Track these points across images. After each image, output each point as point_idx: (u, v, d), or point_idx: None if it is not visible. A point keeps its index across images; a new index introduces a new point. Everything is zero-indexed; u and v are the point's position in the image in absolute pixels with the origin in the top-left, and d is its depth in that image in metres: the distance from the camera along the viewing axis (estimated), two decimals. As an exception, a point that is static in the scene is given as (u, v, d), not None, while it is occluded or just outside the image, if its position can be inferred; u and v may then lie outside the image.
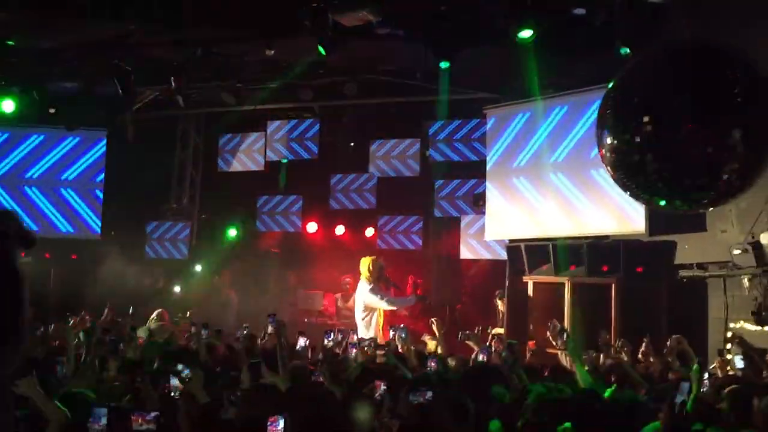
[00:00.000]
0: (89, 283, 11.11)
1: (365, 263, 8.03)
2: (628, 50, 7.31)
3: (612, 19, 6.77)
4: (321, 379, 4.47)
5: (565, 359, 5.98)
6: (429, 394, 3.65)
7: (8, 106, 10.04)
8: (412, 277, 11.86)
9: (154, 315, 8.02)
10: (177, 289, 12.66)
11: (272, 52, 8.00)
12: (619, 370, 5.12)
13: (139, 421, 3.20)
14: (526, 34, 7.56)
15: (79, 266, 11.42)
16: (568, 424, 3.25)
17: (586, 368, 4.92)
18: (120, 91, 8.89)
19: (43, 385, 3.31)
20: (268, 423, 3.02)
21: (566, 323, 8.42)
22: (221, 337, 6.90)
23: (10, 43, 8.86)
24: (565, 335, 5.58)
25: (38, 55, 9.35)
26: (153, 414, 3.23)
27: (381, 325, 7.87)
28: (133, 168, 11.68)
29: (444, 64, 7.60)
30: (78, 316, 6.76)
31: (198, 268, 12.78)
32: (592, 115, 8.61)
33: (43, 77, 9.73)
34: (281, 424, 3.03)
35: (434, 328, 6.78)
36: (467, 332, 6.83)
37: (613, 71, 7.73)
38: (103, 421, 3.13)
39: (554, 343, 5.72)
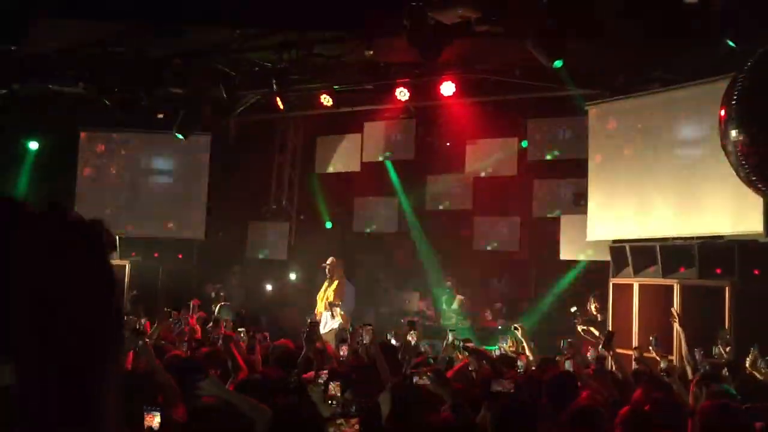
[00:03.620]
0: (194, 282, 11.56)
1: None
2: (732, 43, 6.94)
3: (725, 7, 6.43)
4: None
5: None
6: None
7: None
8: (497, 277, 11.69)
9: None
10: (269, 287, 12.96)
11: (371, 52, 8.04)
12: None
13: None
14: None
15: (184, 266, 11.86)
16: None
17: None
18: (224, 95, 9.17)
19: None
20: None
21: (676, 328, 8.07)
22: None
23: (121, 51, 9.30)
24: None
25: (147, 63, 9.77)
26: None
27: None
28: (235, 170, 12.03)
29: (557, 63, 7.40)
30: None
31: (292, 274, 13.05)
32: (703, 109, 8.22)
33: (151, 84, 10.14)
34: None
35: (518, 334, 6.84)
36: (569, 340, 6.77)
37: (727, 63, 7.40)
38: None
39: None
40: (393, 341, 6.87)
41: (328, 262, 9.73)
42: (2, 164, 11.50)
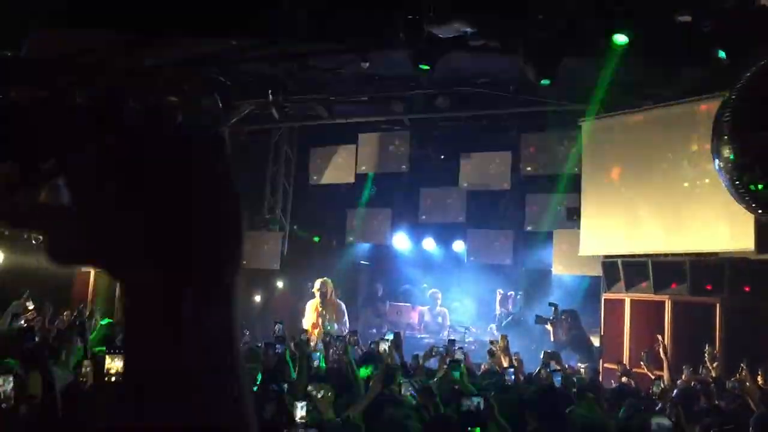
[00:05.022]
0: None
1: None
2: (724, 55, 7.01)
3: (720, 25, 6.49)
4: None
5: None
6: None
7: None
8: (500, 291, 11.68)
9: None
10: (257, 298, 12.86)
11: (367, 65, 8.06)
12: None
13: None
14: (620, 39, 7.34)
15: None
16: None
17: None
18: (220, 105, 9.17)
19: None
20: None
21: (667, 343, 8.08)
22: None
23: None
24: None
25: (142, 71, 9.77)
26: None
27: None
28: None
29: (545, 82, 7.44)
30: None
31: (279, 283, 12.99)
32: (695, 126, 8.29)
33: (145, 92, 10.13)
34: None
35: (500, 345, 6.95)
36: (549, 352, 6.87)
37: (718, 80, 7.46)
38: None
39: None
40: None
41: (318, 285, 9.37)
42: None
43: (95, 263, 0.61)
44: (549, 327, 9.87)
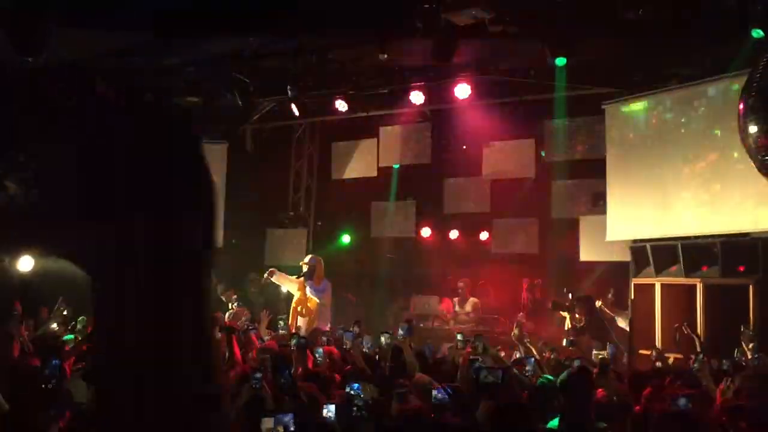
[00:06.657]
0: (213, 289, 11.60)
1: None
2: (761, 33, 6.87)
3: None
4: None
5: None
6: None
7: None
8: (527, 279, 11.58)
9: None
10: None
11: (385, 56, 8.02)
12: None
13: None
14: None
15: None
16: None
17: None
18: (239, 102, 9.19)
19: None
20: None
21: (699, 328, 7.94)
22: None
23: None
24: None
25: (162, 71, 9.83)
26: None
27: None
28: (252, 178, 12.05)
29: (560, 61, 7.34)
30: None
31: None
32: (722, 105, 8.11)
33: (167, 93, 10.20)
34: None
35: (514, 333, 6.98)
36: (572, 339, 6.84)
37: (745, 59, 7.30)
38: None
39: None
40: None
41: (307, 260, 9.26)
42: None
43: (73, 258, 0.58)
44: (565, 313, 9.82)
